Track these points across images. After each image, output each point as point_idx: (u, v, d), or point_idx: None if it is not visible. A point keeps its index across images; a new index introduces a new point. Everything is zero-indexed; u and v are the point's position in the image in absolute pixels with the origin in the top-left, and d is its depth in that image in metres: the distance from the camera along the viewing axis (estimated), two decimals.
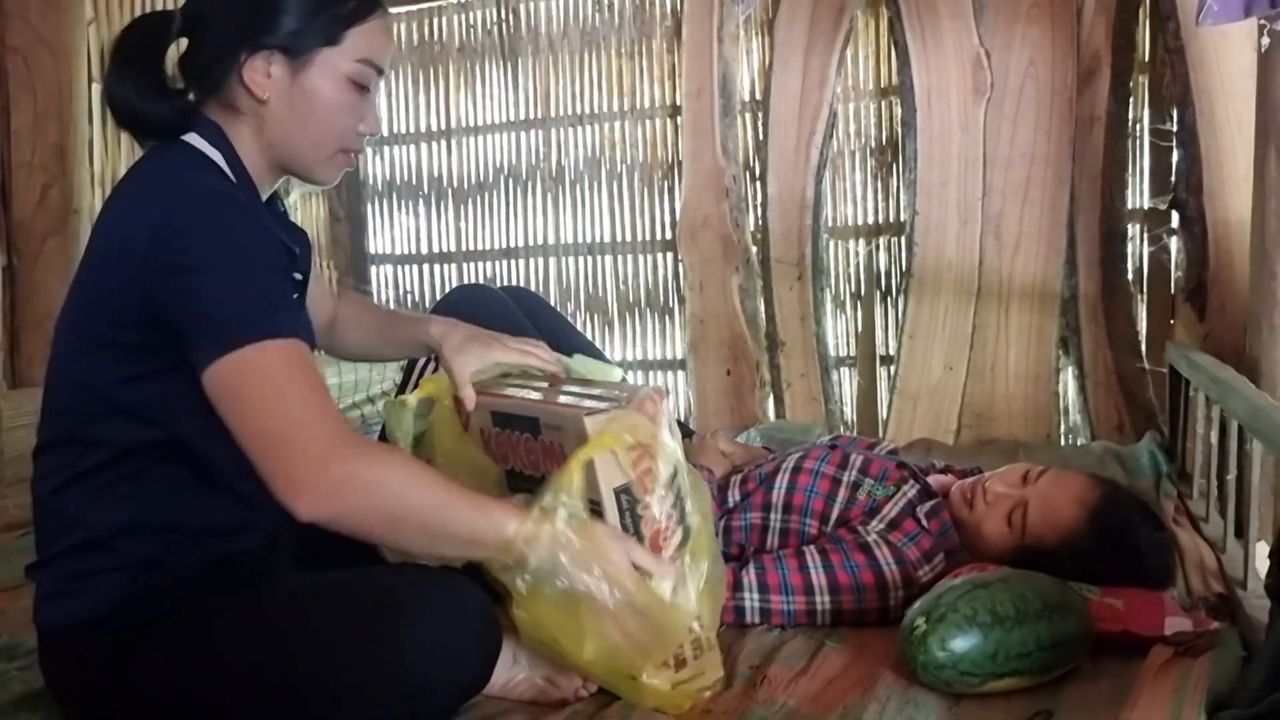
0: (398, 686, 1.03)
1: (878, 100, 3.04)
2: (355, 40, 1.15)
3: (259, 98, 1.14)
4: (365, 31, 1.16)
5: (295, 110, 1.15)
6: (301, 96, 1.15)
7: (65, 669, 1.16)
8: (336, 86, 1.15)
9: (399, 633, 1.04)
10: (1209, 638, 1.32)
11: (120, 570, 1.12)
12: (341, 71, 1.15)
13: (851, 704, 1.25)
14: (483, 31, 3.48)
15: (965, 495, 1.60)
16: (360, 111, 1.18)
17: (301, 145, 1.17)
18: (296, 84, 1.14)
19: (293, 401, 1.00)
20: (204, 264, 1.03)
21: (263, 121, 1.16)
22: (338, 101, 1.16)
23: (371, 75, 1.18)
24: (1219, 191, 2.46)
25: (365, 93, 1.18)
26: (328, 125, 1.17)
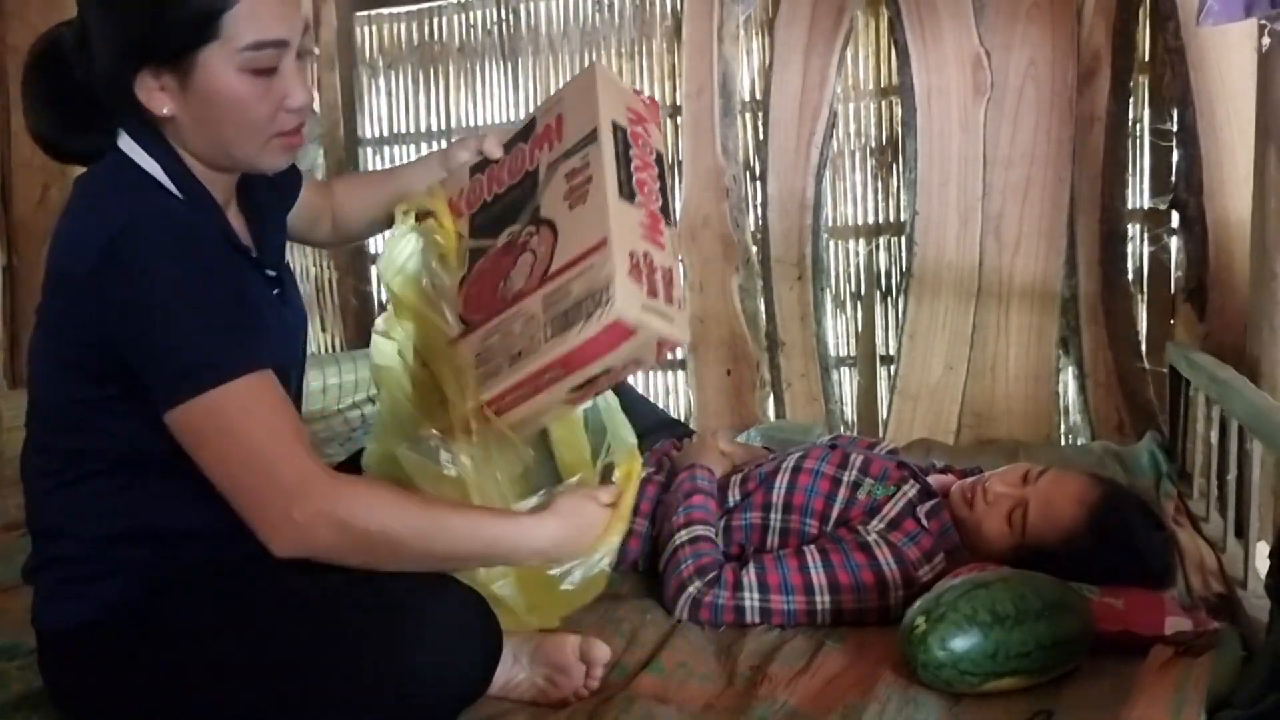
0: (398, 692, 1.03)
1: (878, 100, 3.04)
2: (235, 27, 1.02)
3: (160, 114, 1.07)
4: (246, 10, 1.02)
5: (201, 117, 1.07)
6: (200, 104, 1.06)
7: (64, 672, 1.15)
8: (232, 81, 1.04)
9: (399, 638, 1.04)
10: (1209, 638, 1.32)
11: (117, 574, 1.11)
12: (232, 65, 1.03)
13: (852, 703, 1.25)
14: (483, 31, 3.48)
15: (965, 495, 1.60)
16: (275, 93, 1.07)
17: (224, 146, 1.10)
18: (190, 93, 1.05)
19: (254, 444, 1.01)
20: (153, 304, 1.00)
21: (180, 132, 1.09)
22: (240, 96, 1.05)
23: (270, 55, 1.05)
24: (1219, 191, 2.46)
25: (273, 73, 1.06)
26: (241, 121, 1.07)
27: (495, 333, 1.17)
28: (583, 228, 1.13)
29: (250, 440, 1.01)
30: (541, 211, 1.19)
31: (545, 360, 1.12)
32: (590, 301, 1.08)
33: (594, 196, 1.14)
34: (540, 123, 1.27)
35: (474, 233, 1.27)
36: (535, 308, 1.14)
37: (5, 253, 2.92)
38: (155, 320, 1.01)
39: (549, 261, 1.15)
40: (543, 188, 1.21)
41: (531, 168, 1.24)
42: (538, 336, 1.12)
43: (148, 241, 1.01)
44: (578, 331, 1.09)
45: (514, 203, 1.24)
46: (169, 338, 1.01)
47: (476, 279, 1.23)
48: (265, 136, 1.10)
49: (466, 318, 1.22)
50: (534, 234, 1.19)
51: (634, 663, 1.39)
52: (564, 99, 1.25)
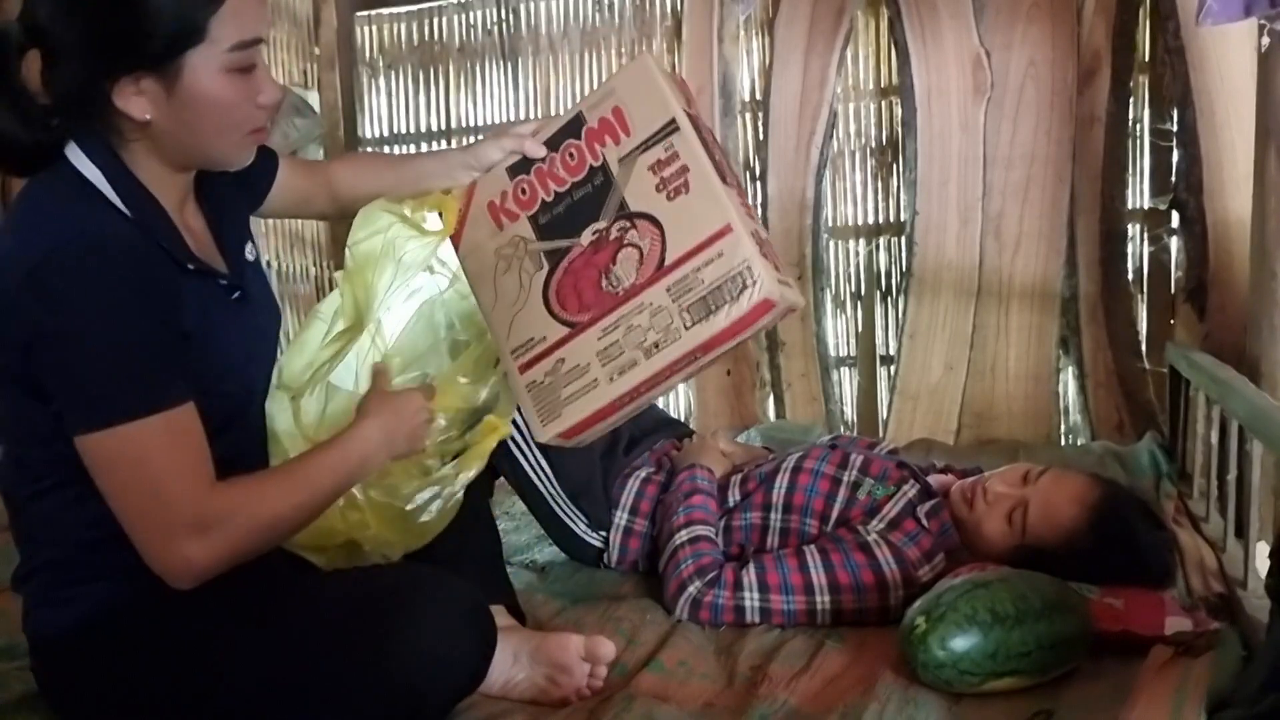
0: (392, 686, 1.03)
1: (878, 100, 3.04)
2: (220, 29, 1.02)
3: (139, 121, 1.04)
4: (230, 10, 1.02)
5: (183, 121, 1.05)
6: (184, 107, 1.04)
7: (58, 677, 1.15)
8: (217, 83, 1.04)
9: (393, 632, 1.03)
10: (1209, 638, 1.32)
11: (105, 578, 1.10)
12: (216, 66, 1.03)
13: (852, 703, 1.25)
14: (483, 31, 3.48)
15: (965, 495, 1.60)
16: (252, 90, 1.07)
17: (201, 147, 1.09)
18: (174, 97, 1.03)
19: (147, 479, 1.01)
20: (70, 333, 0.99)
21: (154, 139, 1.07)
22: (224, 97, 1.05)
23: (251, 54, 1.06)
24: (1219, 191, 2.46)
25: (251, 71, 1.06)
26: (222, 122, 1.07)
27: (616, 328, 1.20)
28: (696, 218, 1.17)
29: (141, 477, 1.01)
30: (631, 206, 1.22)
31: (690, 345, 1.16)
32: (731, 285, 1.14)
33: (698, 185, 1.18)
34: (591, 116, 1.26)
35: (541, 234, 1.27)
36: (660, 299, 1.17)
37: None
38: (71, 349, 0.99)
39: (660, 254, 1.18)
40: (622, 181, 1.23)
41: (597, 163, 1.25)
42: (674, 325, 1.16)
43: (75, 268, 0.99)
44: (725, 314, 1.14)
45: (586, 199, 1.25)
46: (82, 368, 1.00)
47: (569, 279, 1.24)
48: (237, 137, 1.10)
49: (569, 318, 1.23)
50: (629, 228, 1.21)
51: (634, 662, 1.39)
52: (616, 91, 1.26)
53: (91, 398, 1.00)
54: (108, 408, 1.00)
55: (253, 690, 1.06)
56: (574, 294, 1.24)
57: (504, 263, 1.29)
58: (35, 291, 0.98)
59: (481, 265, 1.31)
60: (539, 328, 1.24)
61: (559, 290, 1.25)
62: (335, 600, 1.08)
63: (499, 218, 1.31)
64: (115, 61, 1.02)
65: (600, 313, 1.21)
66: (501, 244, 1.30)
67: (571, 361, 1.22)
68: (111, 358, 1.00)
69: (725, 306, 1.15)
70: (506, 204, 1.30)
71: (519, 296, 1.27)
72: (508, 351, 1.26)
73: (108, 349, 0.99)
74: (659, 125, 1.22)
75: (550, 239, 1.27)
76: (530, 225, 1.28)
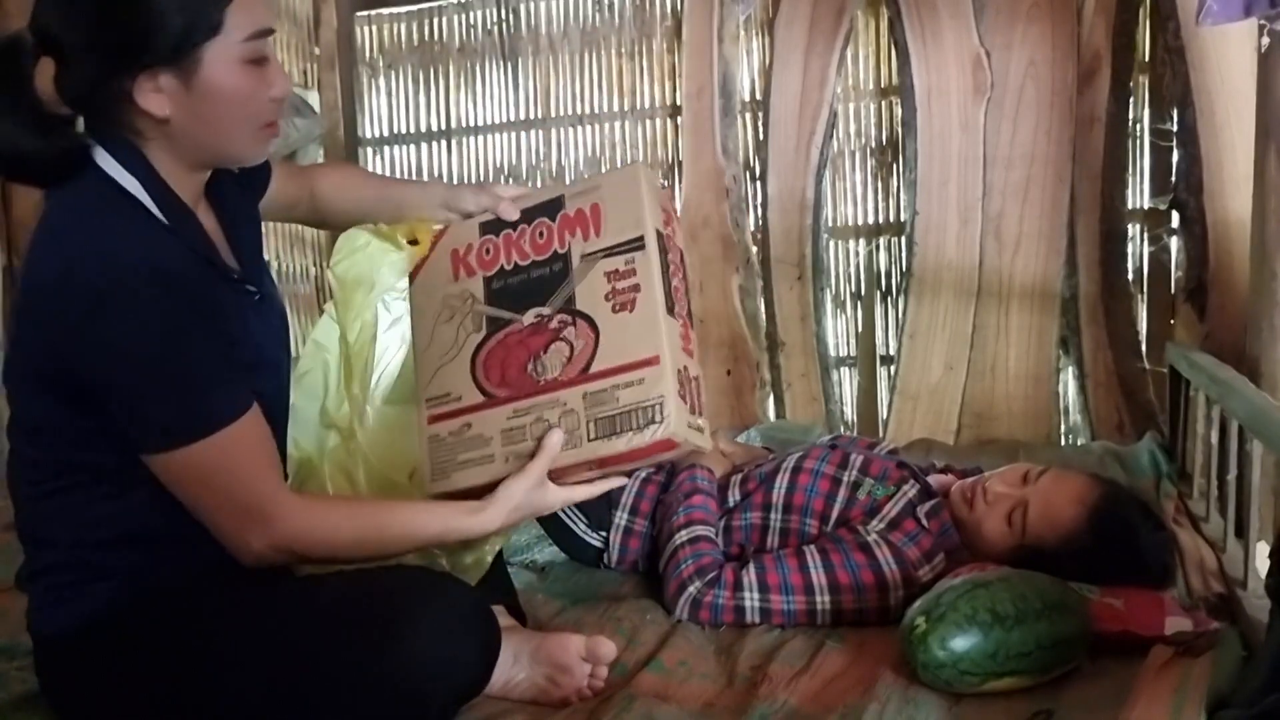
0: (395, 688, 1.03)
1: (878, 100, 3.04)
2: (235, 18, 1.04)
3: (159, 118, 1.05)
4: (240, 5, 1.04)
5: (201, 115, 1.06)
6: (203, 100, 1.05)
7: (61, 676, 1.15)
8: (234, 74, 1.06)
9: (396, 634, 1.03)
10: (1209, 638, 1.32)
11: (110, 579, 1.11)
12: (234, 57, 1.05)
13: (852, 703, 1.25)
14: (483, 31, 3.48)
15: (965, 495, 1.60)
16: (266, 82, 1.09)
17: (219, 142, 1.10)
18: (193, 91, 1.05)
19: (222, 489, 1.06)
20: (138, 355, 1.01)
21: (172, 136, 1.08)
22: (241, 88, 1.07)
23: (264, 44, 1.08)
24: (1219, 191, 2.46)
25: (264, 63, 1.08)
26: (239, 114, 1.09)
27: (527, 413, 1.22)
28: (630, 338, 1.21)
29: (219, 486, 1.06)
30: (578, 304, 1.24)
31: (585, 457, 1.20)
32: (640, 414, 1.18)
33: (643, 309, 1.21)
34: (570, 204, 1.28)
35: (490, 298, 1.30)
36: (575, 402, 1.20)
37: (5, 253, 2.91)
38: (138, 373, 1.02)
39: (589, 360, 1.21)
40: (578, 278, 1.25)
41: (562, 250, 1.27)
42: (578, 432, 1.19)
43: (141, 296, 1.01)
44: (625, 440, 1.18)
45: (541, 281, 1.27)
46: (151, 392, 1.03)
47: (500, 351, 1.27)
48: (253, 131, 1.11)
49: (488, 389, 1.26)
50: (569, 324, 1.24)
51: (634, 661, 1.39)
52: (602, 189, 1.28)
53: (163, 422, 1.04)
54: (179, 430, 1.04)
55: (254, 692, 1.06)
56: (499, 367, 1.26)
57: (448, 311, 1.31)
58: (100, 309, 1.00)
59: (427, 305, 1.33)
60: (459, 387, 1.27)
61: (487, 359, 1.27)
62: (337, 602, 1.09)
63: (458, 268, 1.33)
64: (132, 59, 1.02)
65: (517, 394, 1.23)
66: (451, 293, 1.32)
67: (477, 430, 1.24)
68: (181, 381, 1.03)
69: (629, 433, 1.18)
70: (469, 257, 1.33)
71: (450, 349, 1.29)
72: (423, 397, 1.29)
73: (177, 373, 1.03)
74: (627, 237, 1.24)
75: (496, 306, 1.29)
76: (483, 286, 1.31)
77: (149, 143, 1.08)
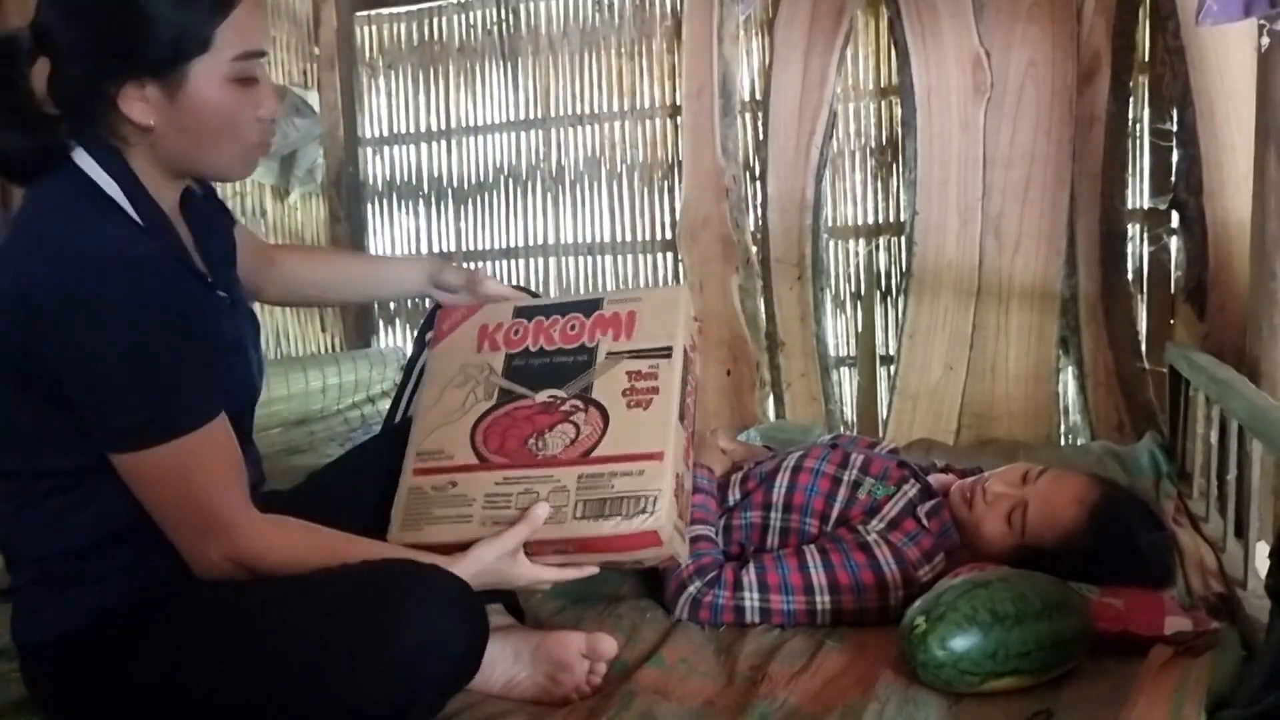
0: (384, 678, 1.03)
1: (878, 100, 3.04)
2: (226, 37, 1.04)
3: (142, 126, 1.06)
4: (234, 23, 1.04)
5: (184, 128, 1.07)
6: (186, 114, 1.06)
7: (49, 683, 1.14)
8: (220, 92, 1.06)
9: (384, 624, 1.02)
10: (1209, 637, 1.32)
11: (95, 583, 1.11)
12: (220, 75, 1.05)
13: (852, 703, 1.25)
14: (483, 31, 3.48)
15: (965, 495, 1.60)
16: (253, 102, 1.09)
17: (200, 156, 1.10)
18: (177, 104, 1.05)
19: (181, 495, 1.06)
20: (107, 353, 1.00)
21: (154, 145, 1.08)
22: (226, 106, 1.07)
23: (253, 65, 1.08)
24: (1219, 191, 2.46)
25: (253, 84, 1.08)
26: (222, 132, 1.09)
27: (515, 483, 1.24)
28: (639, 432, 1.25)
29: (187, 492, 1.06)
30: (594, 393, 1.29)
31: (567, 534, 1.20)
32: (632, 503, 1.19)
33: (659, 409, 1.26)
34: (609, 307, 1.36)
35: (509, 374, 1.35)
36: (568, 481, 1.22)
37: None
38: (107, 369, 1.01)
39: (593, 445, 1.25)
40: (600, 371, 1.31)
41: (590, 344, 1.34)
42: (564, 509, 1.20)
43: (110, 283, 1.00)
44: (612, 524, 1.19)
45: (562, 368, 1.33)
46: (119, 390, 1.02)
47: (505, 421, 1.30)
48: (237, 148, 1.12)
49: (483, 453, 1.28)
50: (580, 410, 1.28)
51: (634, 659, 1.39)
52: (642, 300, 1.37)
53: (125, 422, 1.03)
54: (149, 429, 1.03)
55: (243, 685, 1.06)
56: (500, 436, 1.29)
57: (462, 377, 1.36)
58: (70, 303, 0.99)
59: (443, 370, 1.37)
60: (454, 447, 1.29)
61: (490, 426, 1.30)
62: (324, 593, 1.08)
63: (483, 341, 1.38)
64: (120, 67, 1.03)
65: (510, 463, 1.26)
66: (470, 362, 1.37)
67: (461, 490, 1.25)
68: (150, 380, 1.02)
69: (617, 518, 1.19)
70: (496, 335, 1.38)
71: (454, 412, 1.33)
72: (414, 451, 1.31)
73: (146, 371, 1.02)
74: (656, 345, 1.31)
75: (512, 381, 1.34)
76: (504, 361, 1.36)
77: (131, 148, 1.08)
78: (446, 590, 1.08)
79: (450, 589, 1.09)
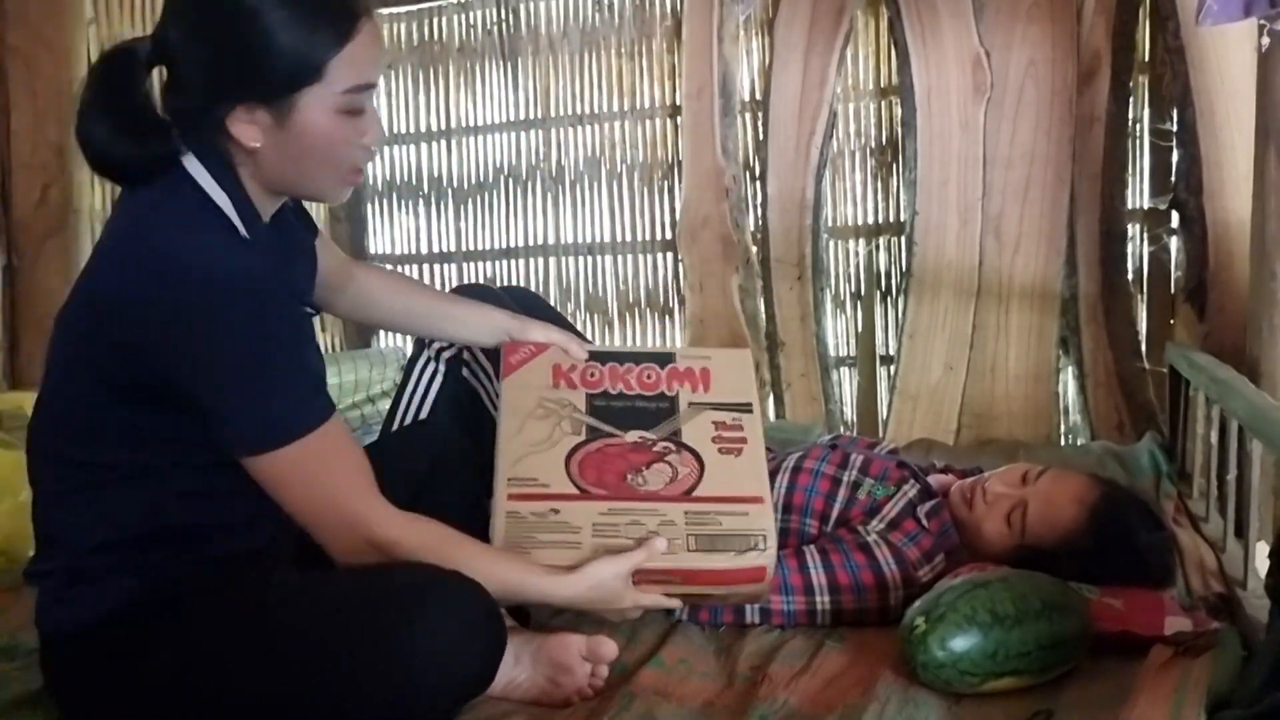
0: (400, 686, 1.03)
1: (878, 100, 3.04)
2: (338, 70, 1.07)
3: (247, 148, 1.09)
4: (347, 57, 1.07)
5: (288, 152, 1.10)
6: (293, 140, 1.09)
7: (68, 673, 1.15)
8: (328, 122, 1.09)
9: (402, 632, 1.03)
10: (1209, 637, 1.32)
11: (122, 575, 1.12)
12: (330, 105, 1.08)
13: (852, 703, 1.25)
14: (483, 31, 3.48)
15: (964, 495, 1.60)
16: (358, 131, 1.12)
17: (301, 179, 1.14)
18: (285, 129, 1.08)
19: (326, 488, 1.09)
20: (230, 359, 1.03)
21: (259, 165, 1.11)
22: (332, 135, 1.10)
23: (362, 98, 1.10)
24: (1219, 191, 2.46)
25: (360, 114, 1.11)
26: (325, 158, 1.12)
27: (623, 514, 1.30)
28: (736, 476, 1.34)
29: (323, 485, 1.09)
30: (684, 437, 1.39)
31: (682, 565, 1.26)
32: (743, 540, 1.27)
33: (749, 457, 1.37)
34: (681, 362, 1.48)
35: (592, 412, 1.41)
36: (676, 515, 1.29)
37: (5, 253, 2.92)
38: (234, 374, 1.04)
39: (693, 485, 1.33)
40: (685, 418, 1.41)
41: (669, 393, 1.44)
42: (677, 542, 1.27)
43: (225, 291, 1.03)
44: (726, 559, 1.26)
45: (645, 412, 1.42)
46: (249, 394, 1.05)
47: (598, 456, 1.36)
48: (339, 174, 1.15)
49: (581, 484, 1.33)
50: (674, 451, 1.37)
51: (634, 660, 1.39)
52: (712, 359, 1.49)
53: (260, 423, 1.06)
54: (276, 431, 1.06)
55: (262, 687, 1.06)
56: (595, 469, 1.34)
57: (543, 410, 1.41)
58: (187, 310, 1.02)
59: (521, 401, 1.41)
60: (548, 474, 1.33)
61: (584, 459, 1.35)
62: (345, 598, 1.09)
63: (559, 379, 1.44)
64: (235, 91, 1.06)
65: (614, 495, 1.32)
66: (549, 396, 1.42)
67: (565, 517, 1.29)
68: (259, 387, 1.05)
69: (730, 553, 1.26)
70: (571, 374, 1.45)
71: (543, 442, 1.37)
72: (505, 476, 1.33)
73: (266, 372, 1.05)
74: (738, 401, 1.44)
75: (598, 419, 1.40)
76: (585, 400, 1.43)
77: (238, 167, 1.12)
78: (468, 602, 1.09)
79: (473, 601, 1.09)
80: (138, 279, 1.04)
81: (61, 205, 2.91)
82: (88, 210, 2.91)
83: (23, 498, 1.60)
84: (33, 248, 2.92)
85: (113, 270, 1.07)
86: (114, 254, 1.08)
